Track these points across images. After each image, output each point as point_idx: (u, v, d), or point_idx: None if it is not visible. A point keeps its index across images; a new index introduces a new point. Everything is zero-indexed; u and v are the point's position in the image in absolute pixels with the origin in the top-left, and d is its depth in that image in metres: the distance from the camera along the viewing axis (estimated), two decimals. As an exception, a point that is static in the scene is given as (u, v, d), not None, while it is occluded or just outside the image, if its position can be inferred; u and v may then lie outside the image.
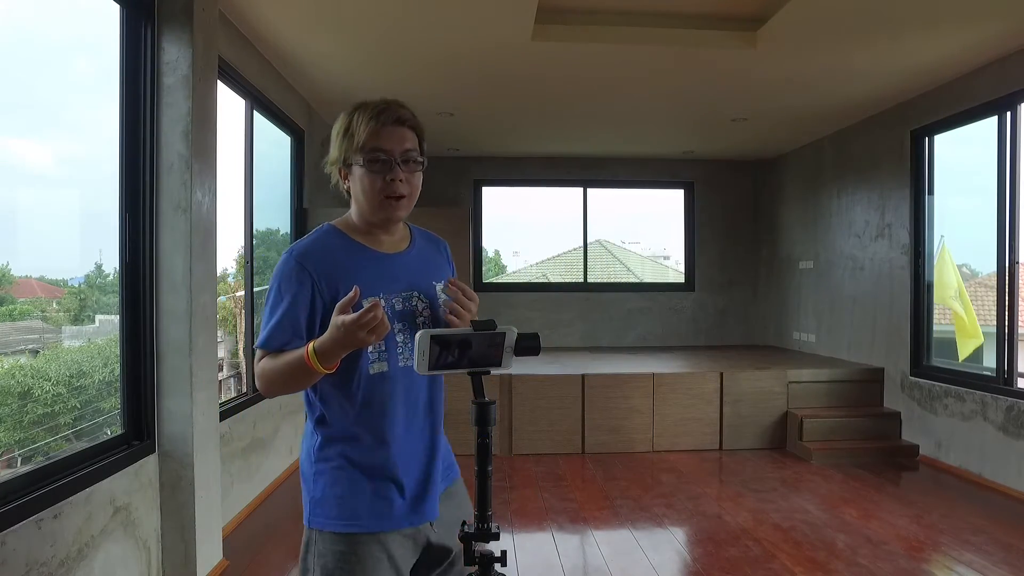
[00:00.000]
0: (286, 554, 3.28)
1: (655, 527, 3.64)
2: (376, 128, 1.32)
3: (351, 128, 1.35)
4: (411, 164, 1.36)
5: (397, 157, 1.34)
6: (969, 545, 3.32)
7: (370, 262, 1.38)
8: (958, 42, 3.92)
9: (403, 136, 1.35)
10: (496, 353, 1.18)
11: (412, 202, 1.39)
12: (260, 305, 4.50)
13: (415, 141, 1.38)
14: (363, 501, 1.31)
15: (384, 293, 1.34)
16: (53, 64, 2.59)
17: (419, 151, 1.38)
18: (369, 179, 1.34)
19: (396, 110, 1.35)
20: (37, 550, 2.01)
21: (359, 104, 1.37)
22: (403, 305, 1.36)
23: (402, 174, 1.34)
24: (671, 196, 7.81)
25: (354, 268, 1.35)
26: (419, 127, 1.40)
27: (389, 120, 1.34)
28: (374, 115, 1.33)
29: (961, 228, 4.90)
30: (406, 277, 1.39)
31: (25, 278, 2.60)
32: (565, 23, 3.86)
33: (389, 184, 1.33)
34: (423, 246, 1.49)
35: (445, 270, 1.49)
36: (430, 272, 1.43)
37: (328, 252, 1.37)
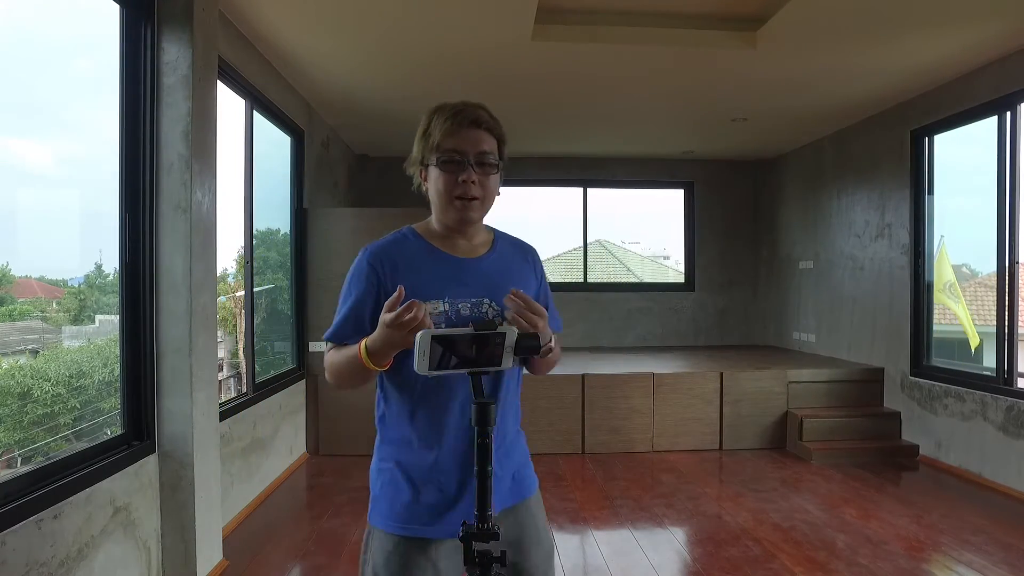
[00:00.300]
0: (286, 554, 3.28)
1: (655, 527, 3.64)
2: (452, 128, 1.34)
3: (429, 128, 1.37)
4: (486, 167, 1.36)
5: (471, 158, 1.34)
6: (969, 545, 3.32)
7: (440, 265, 1.39)
8: (958, 42, 3.92)
9: (479, 138, 1.35)
10: (496, 352, 1.18)
11: (486, 205, 1.40)
12: (260, 305, 4.51)
13: (493, 144, 1.37)
14: (410, 506, 1.34)
15: (451, 297, 1.35)
16: (53, 64, 2.59)
17: (496, 154, 1.38)
18: (443, 179, 1.35)
19: (473, 112, 1.35)
20: (37, 550, 2.01)
21: (439, 105, 1.38)
22: (471, 311, 1.36)
23: (475, 175, 1.34)
24: (671, 196, 7.81)
25: (422, 270, 1.37)
26: (498, 130, 1.39)
27: (465, 121, 1.34)
28: (451, 116, 1.34)
29: (961, 228, 4.90)
30: (478, 283, 1.38)
31: (25, 278, 2.60)
32: (565, 23, 3.86)
33: (461, 185, 1.34)
34: (506, 253, 1.47)
35: (528, 279, 1.46)
36: (507, 280, 1.40)
37: (400, 252, 1.41)
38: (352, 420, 5.09)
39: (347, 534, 3.49)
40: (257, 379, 4.19)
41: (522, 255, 1.50)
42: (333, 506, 3.94)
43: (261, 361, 4.45)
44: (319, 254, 5.08)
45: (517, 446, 1.46)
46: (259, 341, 4.40)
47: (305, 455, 5.02)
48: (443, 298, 1.34)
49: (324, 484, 4.42)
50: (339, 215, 5.20)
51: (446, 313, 1.35)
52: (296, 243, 5.03)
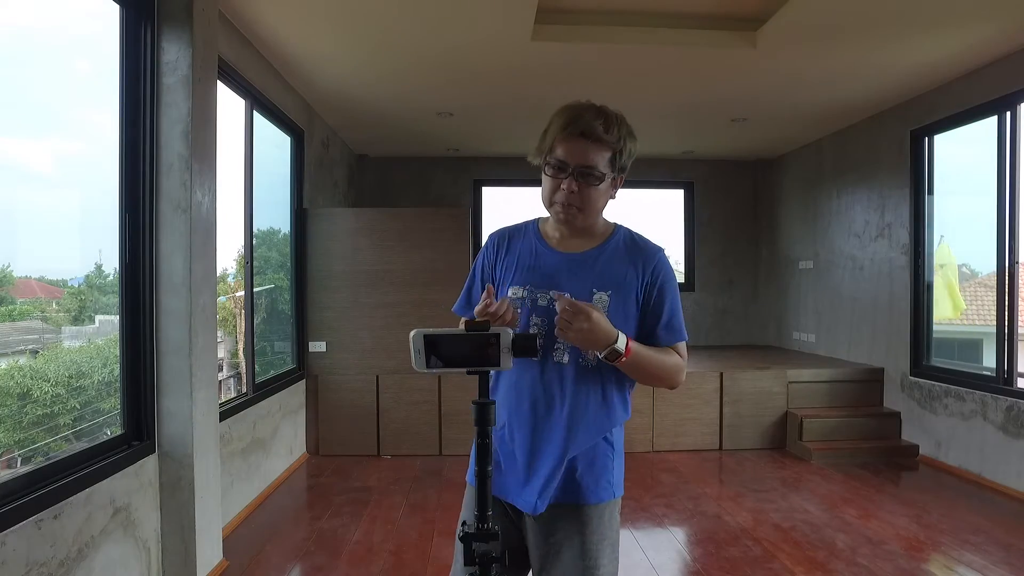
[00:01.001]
0: (286, 554, 3.28)
1: (655, 527, 3.64)
2: (562, 136, 1.37)
3: (548, 129, 1.41)
4: (588, 178, 1.38)
5: (573, 168, 1.37)
6: (969, 545, 3.32)
7: (536, 256, 1.46)
8: (958, 42, 3.92)
9: (586, 150, 1.36)
10: (493, 353, 1.18)
11: (587, 213, 1.42)
12: (259, 305, 4.51)
13: (602, 156, 1.38)
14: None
15: (531, 287, 1.42)
16: (53, 64, 2.59)
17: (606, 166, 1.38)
18: (547, 184, 1.42)
19: (588, 122, 1.35)
20: (37, 550, 2.01)
21: (564, 106, 1.41)
22: (548, 303, 1.40)
23: (575, 186, 1.37)
24: (671, 196, 7.81)
25: (520, 257, 1.47)
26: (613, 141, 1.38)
27: (576, 132, 1.36)
28: (565, 123, 1.37)
29: (961, 228, 4.90)
30: (562, 278, 1.42)
31: (25, 278, 2.60)
32: (565, 23, 3.86)
33: (560, 192, 1.39)
34: (614, 251, 1.46)
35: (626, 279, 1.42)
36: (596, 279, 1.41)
37: (514, 237, 1.52)
38: (352, 420, 5.09)
39: (347, 534, 3.49)
40: (257, 379, 4.19)
41: (633, 255, 1.46)
42: (333, 506, 3.94)
43: (261, 361, 4.45)
44: (319, 254, 5.08)
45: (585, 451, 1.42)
46: (259, 341, 4.40)
47: (305, 455, 5.02)
48: (524, 285, 1.42)
49: (324, 484, 4.42)
50: (339, 215, 5.20)
51: (523, 300, 1.42)
52: (296, 243, 5.03)
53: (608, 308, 1.38)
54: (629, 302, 1.41)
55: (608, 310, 1.38)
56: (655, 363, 1.40)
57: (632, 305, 1.41)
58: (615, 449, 1.46)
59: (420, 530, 3.55)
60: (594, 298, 1.39)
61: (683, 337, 1.47)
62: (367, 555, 3.24)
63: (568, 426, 1.39)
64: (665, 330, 1.43)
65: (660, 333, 1.43)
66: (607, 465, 1.43)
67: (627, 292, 1.40)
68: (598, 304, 1.38)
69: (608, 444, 1.44)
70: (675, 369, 1.44)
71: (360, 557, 3.21)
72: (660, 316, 1.43)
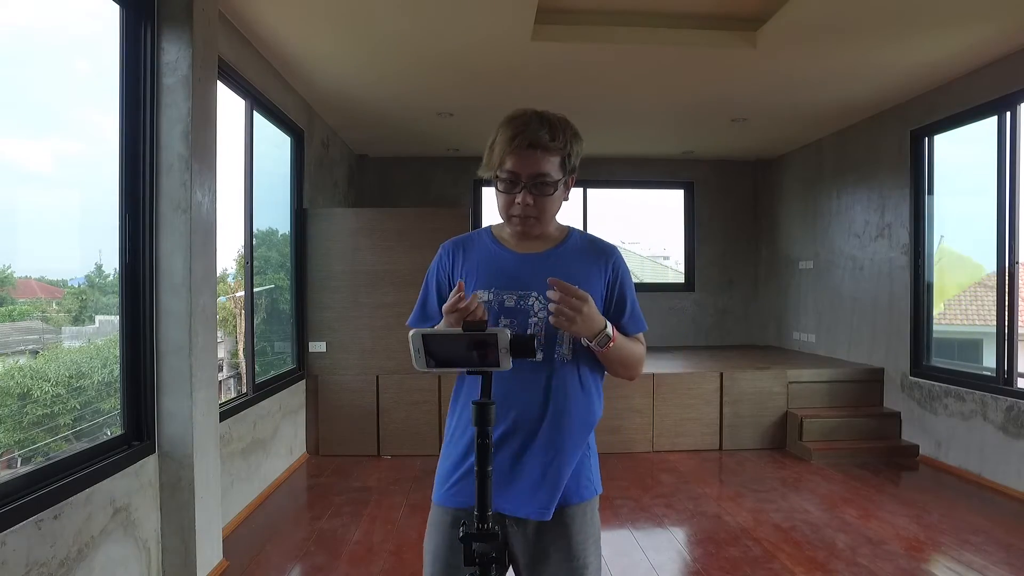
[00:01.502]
0: (286, 554, 3.28)
1: (655, 527, 3.64)
2: (509, 150, 1.36)
3: (493, 144, 1.40)
4: (542, 187, 1.38)
5: (526, 181, 1.37)
6: (969, 545, 3.32)
7: (495, 259, 1.46)
8: (958, 42, 3.92)
9: (536, 161, 1.36)
10: (491, 354, 1.18)
11: (543, 222, 1.44)
12: (260, 306, 4.51)
13: (554, 163, 1.38)
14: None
15: (497, 288, 1.41)
16: (53, 64, 2.59)
17: (558, 171, 1.39)
18: (501, 199, 1.42)
19: (534, 133, 1.35)
20: (37, 550, 2.01)
21: (507, 118, 1.40)
22: (516, 303, 1.40)
23: (530, 198, 1.38)
24: (671, 196, 7.81)
25: (480, 262, 1.46)
26: (560, 147, 1.38)
27: (523, 144, 1.35)
28: (511, 137, 1.36)
29: (961, 228, 4.90)
30: (526, 277, 1.42)
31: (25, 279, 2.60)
32: (565, 23, 3.86)
33: (516, 206, 1.39)
34: (575, 251, 1.48)
35: (591, 276, 1.44)
36: (561, 275, 1.38)
37: (468, 246, 1.50)
38: (352, 420, 5.09)
39: (347, 534, 3.49)
40: (257, 379, 4.19)
41: (593, 254, 1.48)
42: (333, 506, 3.94)
43: (261, 361, 4.45)
44: (319, 254, 5.08)
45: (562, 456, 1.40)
46: (259, 341, 4.40)
47: (305, 455, 5.03)
48: (489, 288, 1.41)
49: (324, 484, 4.42)
50: (339, 215, 5.20)
51: (489, 303, 1.40)
52: (296, 243, 5.03)
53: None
54: (595, 298, 1.41)
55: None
56: (629, 349, 1.44)
57: (597, 301, 1.42)
58: (591, 446, 1.48)
59: (420, 530, 3.54)
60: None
61: (645, 326, 1.52)
62: (367, 555, 3.24)
63: (557, 424, 1.39)
64: (630, 321, 1.47)
65: (626, 324, 1.46)
66: (585, 463, 1.45)
67: (591, 288, 1.40)
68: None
69: (591, 450, 1.48)
70: (642, 357, 1.49)
71: (360, 557, 3.21)
72: (624, 308, 1.47)
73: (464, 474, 1.40)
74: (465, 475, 1.39)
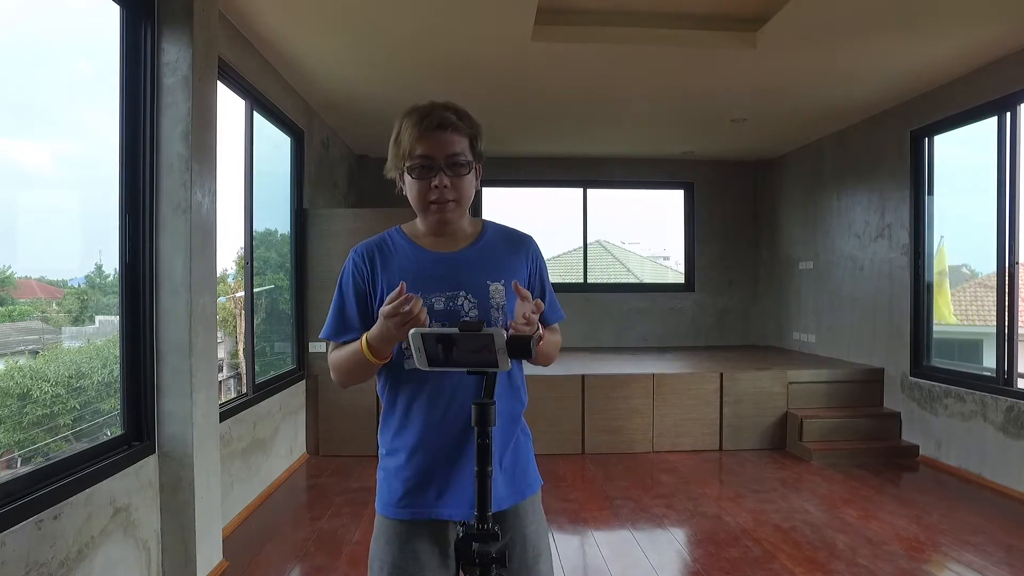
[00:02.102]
0: (286, 555, 3.28)
1: (655, 528, 3.64)
2: (419, 134, 1.34)
3: (399, 135, 1.37)
4: (457, 168, 1.36)
5: (441, 162, 1.35)
6: (969, 545, 3.32)
7: (416, 261, 1.41)
8: (958, 42, 3.92)
9: (447, 141, 1.35)
10: (489, 354, 1.18)
11: (462, 205, 1.41)
12: (259, 306, 4.51)
13: (463, 144, 1.38)
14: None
15: (424, 292, 1.35)
16: (53, 65, 2.59)
17: (469, 153, 1.38)
18: (416, 186, 1.37)
19: (440, 114, 1.35)
20: (37, 551, 2.01)
21: (408, 109, 1.38)
22: (445, 304, 1.37)
23: (447, 179, 1.35)
24: (671, 196, 7.81)
25: (400, 266, 1.40)
26: (467, 128, 1.39)
27: (432, 125, 1.34)
28: (417, 121, 1.34)
29: (961, 228, 4.90)
30: (453, 276, 1.39)
31: (25, 279, 2.60)
32: (565, 23, 3.86)
33: (434, 190, 1.35)
34: (492, 244, 1.46)
35: (516, 269, 1.44)
36: (487, 271, 1.40)
37: (382, 250, 1.44)
38: (352, 421, 5.09)
39: (347, 535, 3.49)
40: (257, 380, 4.19)
41: (512, 245, 1.48)
42: (333, 507, 3.94)
43: (261, 362, 4.45)
44: (319, 254, 5.08)
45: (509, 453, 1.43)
46: (259, 342, 4.40)
47: (305, 455, 5.02)
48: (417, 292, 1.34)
49: (324, 485, 4.42)
50: (339, 215, 5.20)
51: None
52: (296, 243, 5.03)
53: (505, 296, 1.40)
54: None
55: (506, 298, 1.39)
56: (552, 342, 1.46)
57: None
58: (529, 438, 1.51)
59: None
60: (491, 288, 1.39)
61: (563, 314, 1.54)
62: (367, 556, 3.23)
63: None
64: (550, 310, 1.47)
65: (547, 313, 1.46)
66: (529, 457, 1.48)
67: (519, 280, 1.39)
68: (495, 294, 1.39)
69: (525, 435, 1.49)
70: (559, 344, 1.52)
71: (360, 557, 3.21)
72: (545, 297, 1.47)
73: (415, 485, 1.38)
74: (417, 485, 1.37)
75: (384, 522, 1.42)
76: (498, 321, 1.37)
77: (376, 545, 1.43)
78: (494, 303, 1.38)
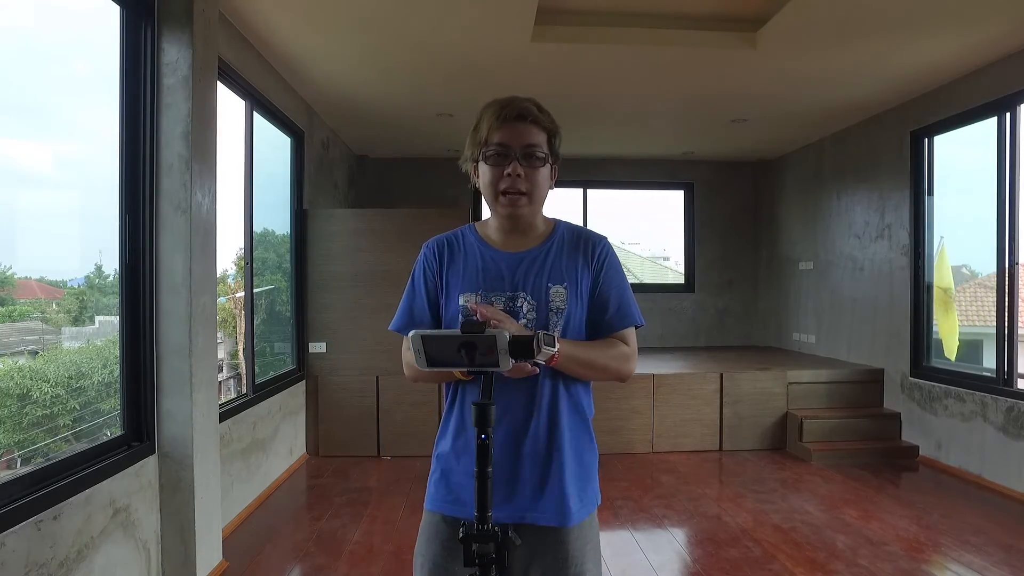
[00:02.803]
0: (286, 555, 3.28)
1: (655, 528, 3.64)
2: (498, 123, 1.34)
3: (478, 125, 1.37)
4: (532, 159, 1.35)
5: (516, 151, 1.34)
6: (969, 546, 3.32)
7: (482, 259, 1.40)
8: (958, 43, 3.92)
9: (525, 131, 1.35)
10: (491, 354, 1.18)
11: (535, 199, 1.38)
12: (259, 306, 4.51)
13: (541, 138, 1.37)
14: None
15: (485, 291, 1.36)
16: (53, 65, 2.59)
17: (546, 148, 1.37)
18: (489, 173, 1.36)
19: (520, 104, 1.35)
20: (36, 551, 2.01)
21: (490, 102, 1.38)
22: (505, 305, 1.35)
23: (521, 169, 1.33)
24: (671, 197, 7.82)
25: (465, 263, 1.40)
26: (547, 123, 1.38)
27: (512, 115, 1.34)
28: (498, 110, 1.34)
29: (961, 229, 4.90)
30: (515, 277, 1.37)
31: (25, 279, 2.60)
32: (565, 24, 3.86)
33: (507, 179, 1.34)
34: (558, 247, 1.42)
35: (577, 272, 1.39)
36: (549, 273, 1.37)
37: (451, 245, 1.44)
38: (352, 421, 5.09)
39: (346, 535, 3.49)
40: (257, 380, 4.19)
41: (577, 248, 1.42)
42: (333, 507, 3.94)
43: (261, 362, 4.45)
44: (319, 255, 5.08)
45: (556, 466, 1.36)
46: (259, 342, 4.40)
47: (305, 456, 5.02)
48: (477, 291, 1.36)
49: (324, 485, 4.42)
50: (339, 216, 5.20)
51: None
52: (296, 244, 5.03)
53: (567, 300, 1.37)
54: (584, 292, 1.39)
55: (567, 303, 1.37)
56: (587, 357, 1.35)
57: (586, 295, 1.39)
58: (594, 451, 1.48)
59: (420, 531, 3.54)
60: (551, 292, 1.36)
61: (635, 321, 1.42)
62: (367, 556, 3.23)
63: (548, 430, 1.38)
64: (616, 315, 1.40)
65: (612, 318, 1.40)
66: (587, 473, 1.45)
67: (580, 283, 1.38)
68: (555, 298, 1.36)
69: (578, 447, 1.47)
70: (619, 358, 1.39)
71: (360, 558, 3.21)
72: (610, 301, 1.40)
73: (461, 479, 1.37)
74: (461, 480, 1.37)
75: (428, 517, 1.42)
76: (556, 326, 1.35)
77: (419, 540, 1.44)
78: (553, 306, 1.35)
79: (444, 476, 1.39)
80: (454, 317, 1.38)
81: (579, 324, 1.39)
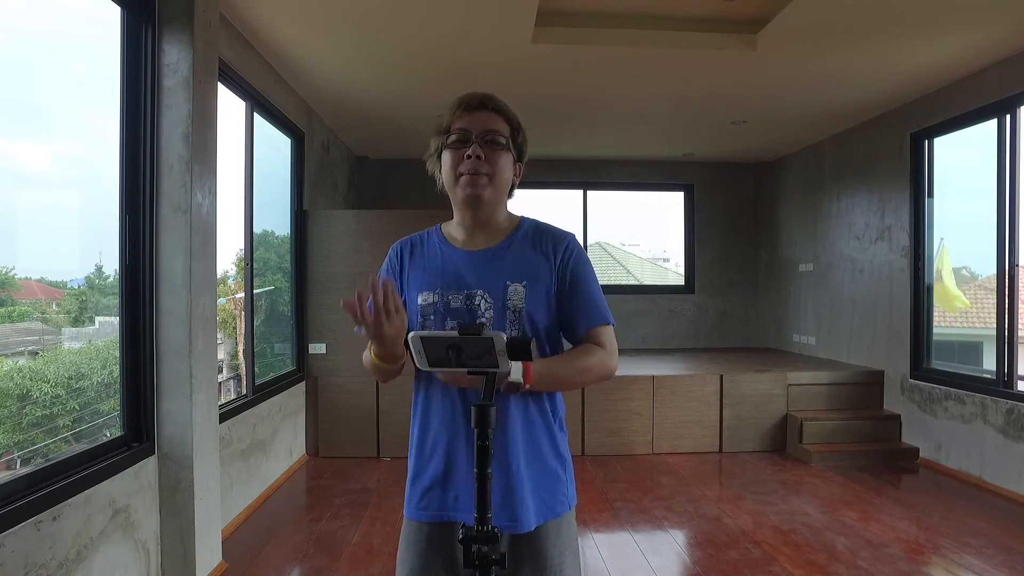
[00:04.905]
0: (285, 556, 3.28)
1: (655, 529, 3.63)
2: (460, 112, 1.36)
3: (444, 116, 1.39)
4: (493, 144, 1.35)
5: (477, 135, 1.34)
6: (969, 548, 3.32)
7: (441, 258, 1.40)
8: (958, 45, 3.93)
9: (487, 118, 1.36)
10: (489, 355, 1.17)
11: (497, 184, 1.36)
12: (259, 307, 4.51)
13: (503, 126, 1.37)
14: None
15: (442, 289, 1.36)
16: (54, 66, 2.59)
17: (507, 136, 1.37)
18: (450, 157, 1.36)
19: (482, 94, 1.37)
20: (36, 552, 2.01)
21: (456, 98, 1.41)
22: (462, 303, 1.34)
23: (481, 151, 1.33)
24: (671, 198, 7.82)
25: (426, 262, 1.41)
26: (508, 113, 1.39)
27: (474, 103, 1.36)
28: (460, 100, 1.37)
29: (961, 231, 4.90)
30: (473, 275, 1.36)
31: (25, 280, 2.60)
32: (565, 25, 3.86)
33: (467, 161, 1.33)
34: (524, 243, 1.39)
35: (539, 269, 1.36)
36: (509, 271, 1.35)
37: (415, 246, 1.45)
38: (351, 423, 5.09)
39: (346, 536, 3.49)
40: (257, 381, 4.18)
41: (541, 243, 1.39)
42: (332, 508, 3.93)
43: (261, 363, 4.45)
44: (319, 256, 5.08)
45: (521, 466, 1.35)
46: (259, 343, 4.40)
47: (305, 457, 5.02)
48: (434, 290, 1.36)
49: (323, 486, 4.41)
50: (339, 217, 5.20)
51: (435, 305, 1.36)
52: (296, 245, 5.03)
53: (525, 299, 1.34)
54: (546, 290, 1.36)
55: (525, 301, 1.34)
56: (563, 372, 1.33)
57: (550, 293, 1.36)
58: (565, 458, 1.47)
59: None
60: (509, 289, 1.34)
61: (604, 319, 1.37)
62: (367, 557, 3.23)
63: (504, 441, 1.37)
64: (583, 315, 1.36)
65: (578, 318, 1.37)
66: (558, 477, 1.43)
67: (542, 281, 1.35)
68: (513, 295, 1.34)
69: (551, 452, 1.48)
70: (598, 366, 1.36)
71: (360, 559, 3.21)
72: (577, 300, 1.36)
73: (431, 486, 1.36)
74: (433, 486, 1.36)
75: (407, 524, 1.42)
76: (514, 324, 1.33)
77: (400, 547, 1.43)
78: (510, 304, 1.34)
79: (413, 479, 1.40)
80: (412, 316, 1.38)
81: (545, 325, 1.36)
